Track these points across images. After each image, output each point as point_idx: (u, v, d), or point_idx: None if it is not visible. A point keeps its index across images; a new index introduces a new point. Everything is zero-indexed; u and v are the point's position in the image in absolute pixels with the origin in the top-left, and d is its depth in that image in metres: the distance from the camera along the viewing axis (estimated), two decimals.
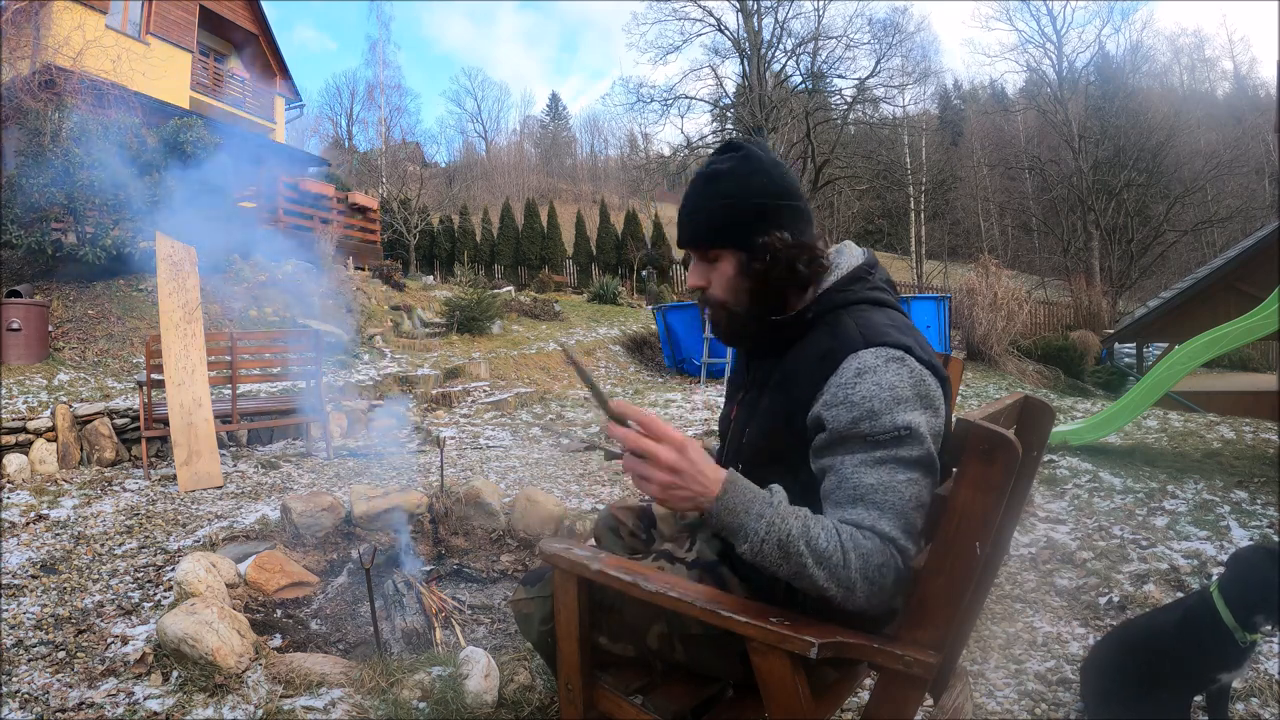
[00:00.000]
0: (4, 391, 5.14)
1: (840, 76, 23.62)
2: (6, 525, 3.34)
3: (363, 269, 13.14)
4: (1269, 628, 1.41)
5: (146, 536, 3.22)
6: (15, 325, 5.82)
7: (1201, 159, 24.04)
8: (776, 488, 0.96)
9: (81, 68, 8.82)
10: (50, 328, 6.43)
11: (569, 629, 1.14)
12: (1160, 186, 23.23)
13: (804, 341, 1.07)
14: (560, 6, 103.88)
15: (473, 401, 7.12)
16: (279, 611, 2.46)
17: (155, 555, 2.97)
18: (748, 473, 1.08)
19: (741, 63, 23.17)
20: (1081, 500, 3.40)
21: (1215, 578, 1.54)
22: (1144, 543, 2.80)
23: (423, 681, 1.76)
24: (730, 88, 24.30)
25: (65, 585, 2.63)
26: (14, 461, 4.32)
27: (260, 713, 1.70)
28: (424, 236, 24.56)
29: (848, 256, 1.13)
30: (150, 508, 3.71)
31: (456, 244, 25.67)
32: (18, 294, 6.19)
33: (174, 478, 4.17)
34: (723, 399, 1.37)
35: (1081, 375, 12.40)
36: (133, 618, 2.34)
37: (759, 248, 1.05)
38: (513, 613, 1.35)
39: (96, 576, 2.73)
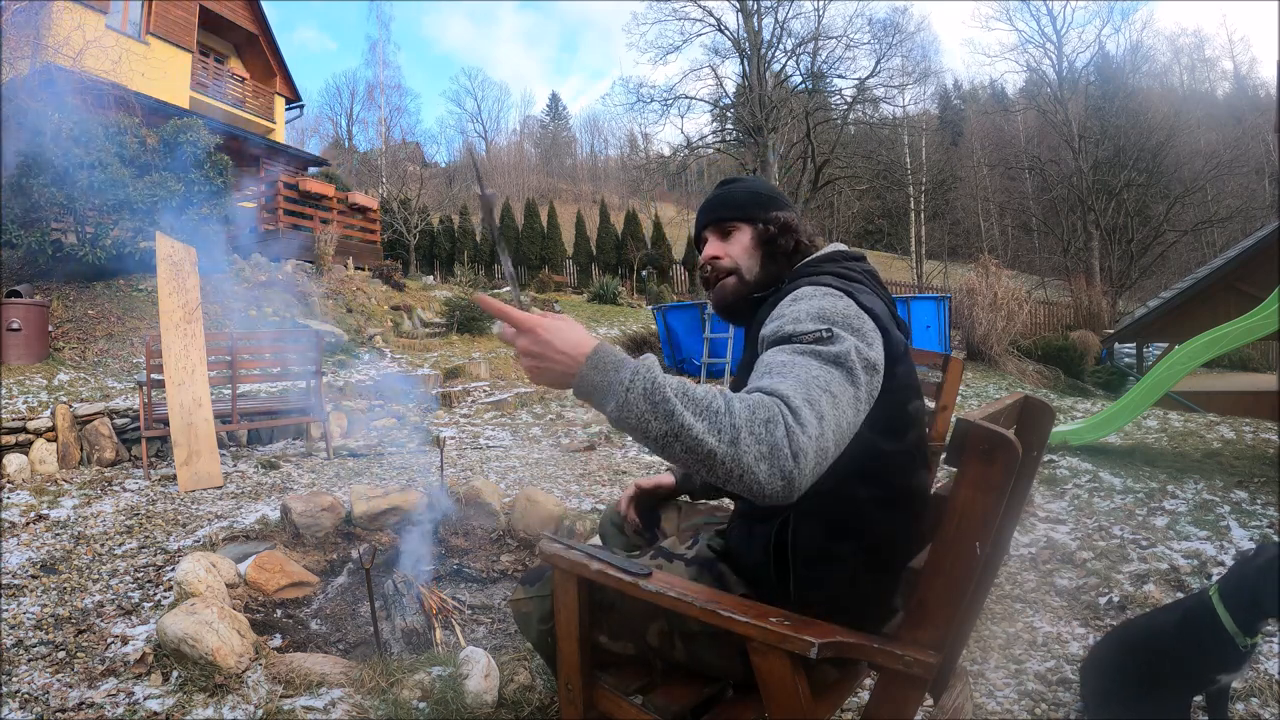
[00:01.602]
0: (4, 391, 5.14)
1: (840, 76, 23.59)
2: (6, 525, 3.34)
3: (363, 269, 13.14)
4: (1270, 627, 1.41)
5: (146, 536, 3.22)
6: (15, 325, 5.82)
7: (1201, 159, 24.02)
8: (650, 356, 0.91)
9: (81, 68, 8.82)
10: (50, 328, 6.43)
11: (569, 629, 1.14)
12: (1160, 186, 23.21)
13: (771, 302, 1.17)
14: (560, 6, 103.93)
15: (473, 401, 7.12)
16: (279, 611, 2.46)
17: (155, 555, 2.97)
18: None
19: (741, 63, 23.14)
20: (1081, 500, 3.40)
21: (1215, 579, 1.53)
22: (1144, 543, 2.80)
23: (423, 681, 1.76)
24: (730, 88, 24.28)
25: (65, 585, 2.63)
26: (14, 461, 4.32)
27: (260, 713, 1.70)
28: (424, 236, 24.56)
29: (830, 248, 1.27)
30: (150, 508, 3.71)
31: (456, 244, 25.67)
32: (18, 294, 6.19)
33: (174, 478, 4.17)
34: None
35: (1081, 375, 12.40)
36: (133, 618, 2.34)
37: (772, 219, 1.26)
38: (512, 612, 1.36)
39: (96, 576, 2.73)
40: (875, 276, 1.21)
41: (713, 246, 1.30)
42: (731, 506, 1.35)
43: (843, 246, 1.27)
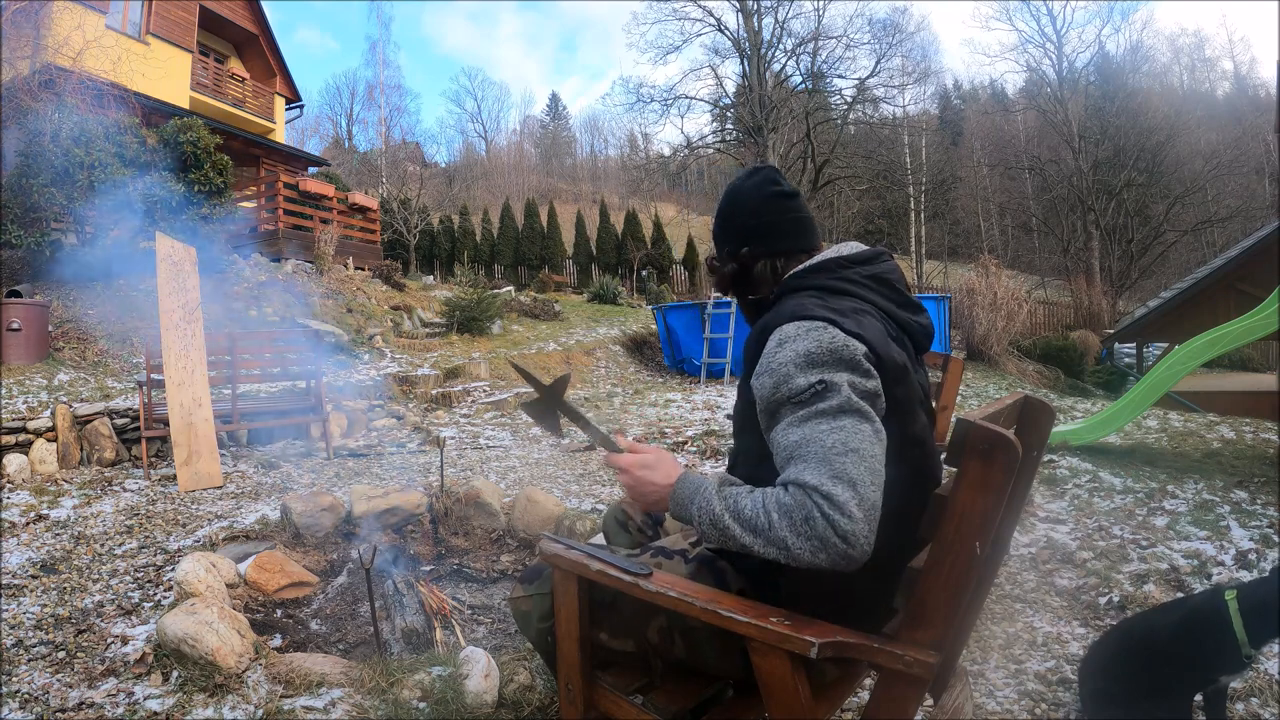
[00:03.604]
0: (4, 391, 5.14)
1: (840, 76, 23.64)
2: (6, 525, 3.34)
3: (363, 269, 13.14)
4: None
5: (146, 536, 3.22)
6: (15, 325, 5.82)
7: (1201, 159, 24.04)
8: (718, 474, 1.10)
9: (81, 68, 8.82)
10: (50, 328, 6.43)
11: (569, 628, 1.14)
12: (1160, 186, 23.23)
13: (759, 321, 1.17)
14: (560, 6, 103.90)
15: (473, 401, 7.12)
16: (279, 611, 2.46)
17: (155, 555, 2.97)
18: (734, 443, 1.21)
19: (741, 63, 23.16)
20: (1081, 500, 3.40)
21: (1216, 579, 1.52)
22: (1144, 543, 2.80)
23: (423, 681, 1.76)
24: (730, 88, 24.32)
25: (65, 585, 2.63)
26: (14, 461, 4.32)
27: (260, 713, 1.70)
28: (424, 236, 24.56)
29: (831, 250, 1.23)
30: (150, 508, 3.71)
31: (456, 244, 25.64)
32: (18, 294, 6.19)
33: (174, 478, 4.17)
34: (721, 398, 1.52)
35: (1081, 375, 12.40)
36: (133, 618, 2.34)
37: (721, 259, 1.31)
38: (511, 611, 1.36)
39: (96, 576, 2.73)
40: (881, 279, 1.17)
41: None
42: None
43: (849, 249, 1.22)
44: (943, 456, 1.04)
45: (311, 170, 17.45)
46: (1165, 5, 56.92)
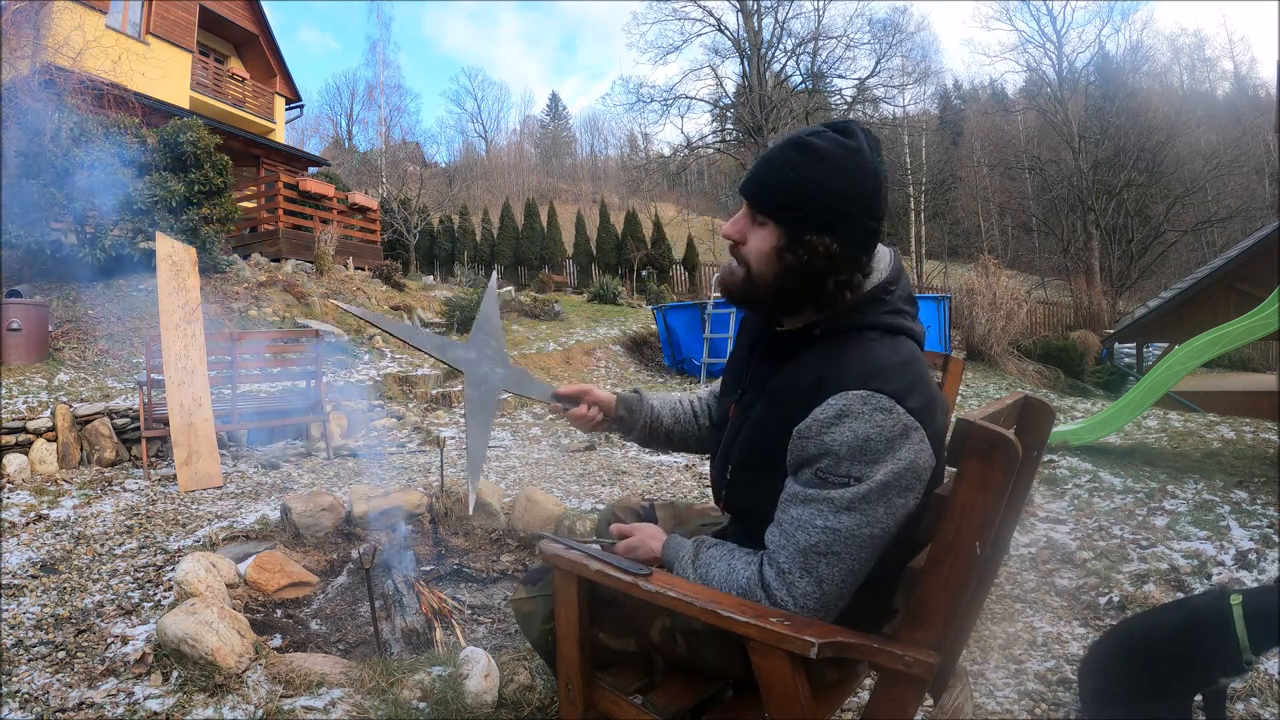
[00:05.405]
0: (4, 391, 5.13)
1: (840, 76, 23.68)
2: (6, 525, 3.34)
3: (363, 269, 13.13)
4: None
5: (146, 536, 3.22)
6: (15, 325, 5.82)
7: (1201, 159, 24.06)
8: (699, 539, 1.14)
9: (81, 68, 8.82)
10: (50, 328, 6.43)
11: (569, 629, 1.14)
12: (1160, 186, 23.24)
13: (804, 359, 1.04)
14: (560, 6, 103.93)
15: None
16: (279, 611, 2.46)
17: (155, 555, 2.97)
18: (738, 473, 1.14)
19: (741, 63, 23.19)
20: (1081, 500, 3.40)
21: (1229, 584, 1.52)
22: (1144, 543, 2.80)
23: (423, 681, 1.76)
24: (730, 88, 24.35)
25: (65, 585, 2.63)
26: (14, 461, 4.32)
27: (260, 713, 1.70)
28: (424, 236, 24.56)
29: (875, 274, 1.06)
30: (150, 508, 3.71)
31: (456, 244, 25.64)
32: (18, 294, 6.19)
33: (174, 478, 4.17)
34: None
35: (1081, 375, 12.41)
36: (133, 618, 2.34)
37: (800, 242, 0.99)
38: (514, 611, 1.36)
39: (96, 576, 2.73)
40: (910, 299, 1.09)
41: (736, 224, 1.07)
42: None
43: (884, 261, 1.07)
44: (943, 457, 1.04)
45: (311, 170, 17.45)
46: (1165, 5, 57.02)
